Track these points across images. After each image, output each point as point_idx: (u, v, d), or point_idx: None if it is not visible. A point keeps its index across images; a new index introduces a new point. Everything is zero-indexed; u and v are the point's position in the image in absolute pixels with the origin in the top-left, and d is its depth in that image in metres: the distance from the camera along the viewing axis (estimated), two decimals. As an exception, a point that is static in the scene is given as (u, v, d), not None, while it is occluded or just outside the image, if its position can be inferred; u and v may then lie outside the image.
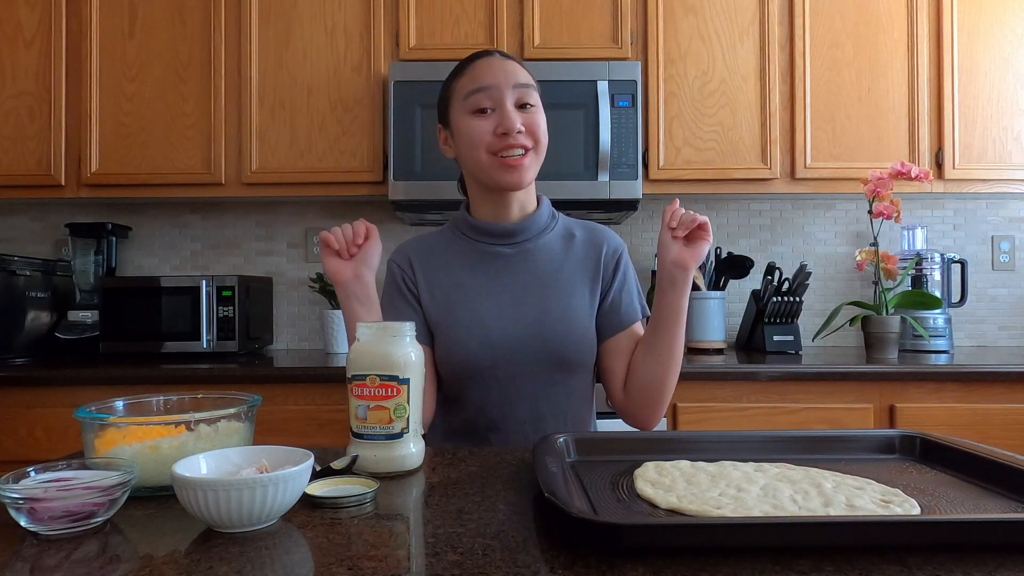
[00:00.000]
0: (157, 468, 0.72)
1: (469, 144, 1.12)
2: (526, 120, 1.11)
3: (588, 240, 1.22)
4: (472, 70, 1.14)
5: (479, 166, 1.13)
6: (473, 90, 1.11)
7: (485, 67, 1.13)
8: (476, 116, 1.11)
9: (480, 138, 1.11)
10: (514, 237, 1.18)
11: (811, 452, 0.86)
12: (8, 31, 2.20)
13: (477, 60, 1.15)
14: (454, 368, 1.14)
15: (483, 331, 1.13)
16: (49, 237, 2.55)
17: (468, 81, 1.13)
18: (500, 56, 1.15)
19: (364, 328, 0.85)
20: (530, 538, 0.60)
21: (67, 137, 2.21)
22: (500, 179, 1.12)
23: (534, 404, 1.14)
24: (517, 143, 1.10)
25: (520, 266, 1.17)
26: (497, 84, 1.11)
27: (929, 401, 1.88)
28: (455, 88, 1.15)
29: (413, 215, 2.31)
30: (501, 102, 1.10)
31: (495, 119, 1.10)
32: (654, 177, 2.21)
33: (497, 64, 1.13)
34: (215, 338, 2.14)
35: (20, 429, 1.87)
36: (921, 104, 2.22)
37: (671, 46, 2.22)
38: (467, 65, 1.15)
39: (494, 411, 1.14)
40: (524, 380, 1.13)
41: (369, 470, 0.81)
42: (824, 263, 2.55)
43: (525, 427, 1.14)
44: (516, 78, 1.12)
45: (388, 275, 1.23)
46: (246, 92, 2.21)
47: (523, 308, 1.14)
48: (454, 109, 1.15)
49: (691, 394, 1.88)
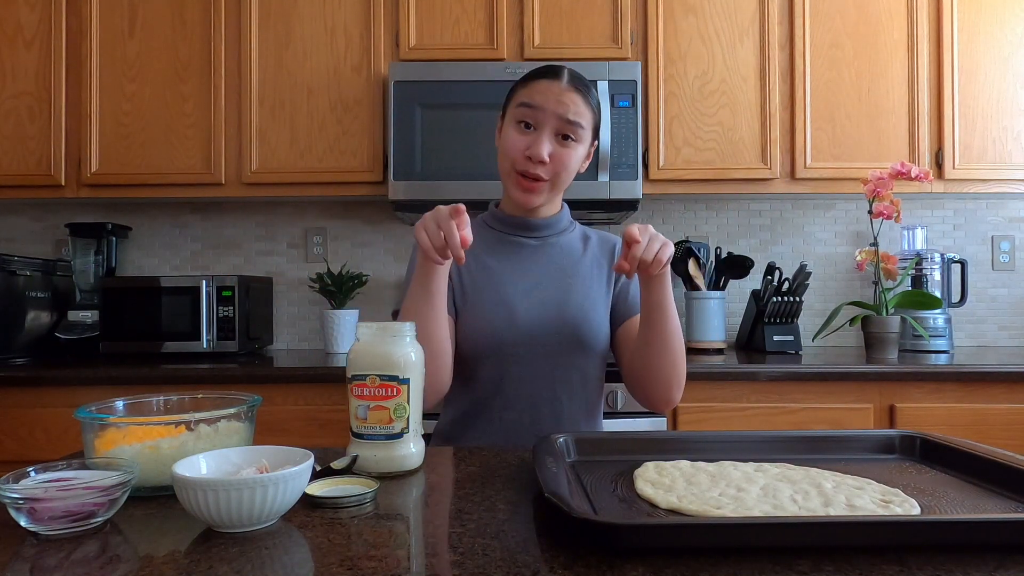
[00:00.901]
0: (157, 468, 0.72)
1: (502, 150, 1.19)
2: (556, 153, 1.14)
3: (601, 241, 1.31)
4: (534, 84, 1.16)
5: (504, 174, 1.20)
6: (524, 103, 1.15)
7: (545, 89, 1.14)
8: (518, 128, 1.16)
9: (511, 150, 1.16)
10: (538, 231, 1.26)
11: (811, 452, 0.86)
12: (8, 31, 2.20)
13: (542, 78, 1.16)
14: (476, 344, 1.18)
15: (508, 310, 1.18)
16: (49, 237, 2.55)
17: (526, 93, 1.16)
18: (567, 83, 1.15)
19: (364, 328, 0.85)
20: (530, 538, 0.60)
21: (67, 137, 2.21)
22: (513, 193, 1.19)
23: (550, 385, 1.18)
24: (538, 172, 1.15)
25: (543, 257, 1.24)
26: (545, 109, 1.13)
27: (929, 401, 1.88)
28: (517, 92, 1.19)
29: (413, 215, 2.30)
30: (542, 127, 1.14)
31: (530, 139, 1.14)
32: (654, 177, 2.21)
33: (556, 91, 1.14)
34: (215, 338, 2.14)
35: (20, 429, 1.87)
36: (921, 104, 2.22)
37: (671, 46, 2.22)
38: (534, 77, 1.17)
39: (510, 389, 1.18)
40: (542, 361, 1.17)
41: (369, 470, 0.81)
42: (824, 263, 2.55)
43: (540, 407, 1.17)
44: (566, 111, 1.13)
45: (416, 250, 1.23)
46: (246, 92, 2.21)
47: (546, 293, 1.20)
48: (508, 111, 1.20)
49: (691, 394, 1.88)
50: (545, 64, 1.23)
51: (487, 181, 2.07)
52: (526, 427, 1.17)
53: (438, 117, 2.10)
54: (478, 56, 2.18)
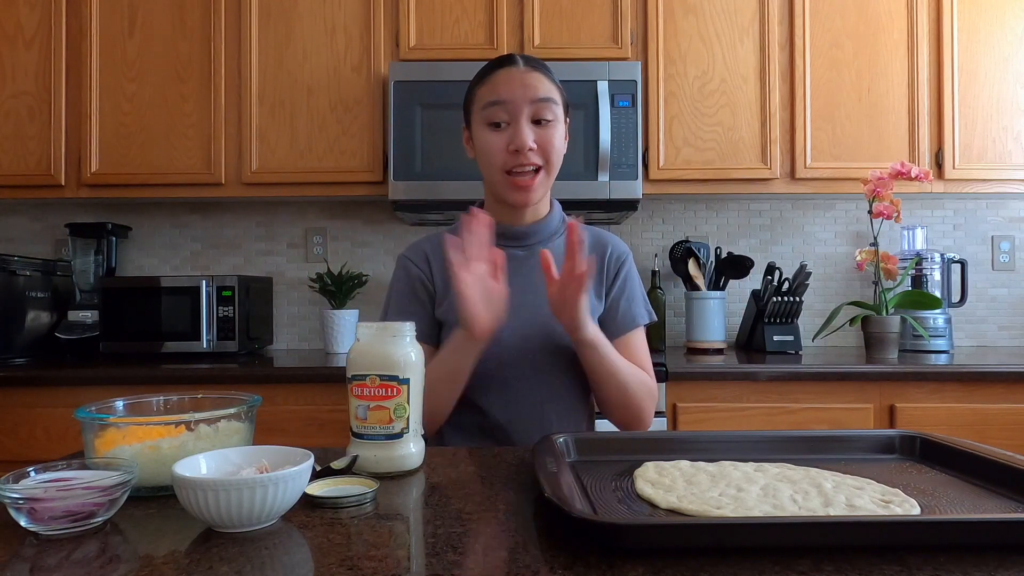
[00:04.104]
0: (157, 468, 0.72)
1: (484, 157, 1.14)
2: (539, 137, 1.11)
3: (593, 246, 1.23)
4: (492, 80, 1.12)
5: (493, 182, 1.15)
6: (490, 102, 1.11)
7: (504, 79, 1.11)
8: (491, 129, 1.12)
9: (494, 155, 1.12)
10: (525, 240, 1.20)
11: (811, 452, 0.86)
12: (8, 31, 2.20)
13: (498, 70, 1.13)
14: None
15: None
16: (49, 237, 2.55)
17: (487, 91, 1.12)
18: (523, 65, 1.13)
19: (364, 328, 0.85)
20: (530, 538, 0.59)
21: (67, 137, 2.21)
22: (509, 197, 1.14)
23: (539, 404, 1.15)
24: (528, 161, 1.10)
25: (530, 268, 1.17)
26: (513, 99, 1.10)
27: (929, 401, 1.88)
28: (476, 94, 1.15)
29: (413, 215, 2.30)
30: (516, 117, 1.10)
31: (509, 134, 1.10)
32: (654, 177, 2.20)
33: (517, 77, 1.11)
34: (215, 338, 2.14)
35: (20, 429, 1.87)
36: (921, 104, 2.22)
37: (671, 46, 2.22)
38: (488, 73, 1.14)
39: (499, 413, 1.14)
40: (530, 382, 1.14)
41: (369, 470, 0.81)
42: (824, 263, 2.55)
43: (527, 426, 1.14)
44: (535, 92, 1.10)
45: (400, 272, 1.22)
46: (246, 92, 2.21)
47: (533, 310, 1.14)
48: (474, 115, 1.15)
49: (691, 394, 1.88)
50: (495, 59, 1.17)
51: (487, 181, 2.06)
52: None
53: (438, 117, 2.10)
54: (478, 56, 2.18)
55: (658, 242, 2.55)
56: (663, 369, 1.84)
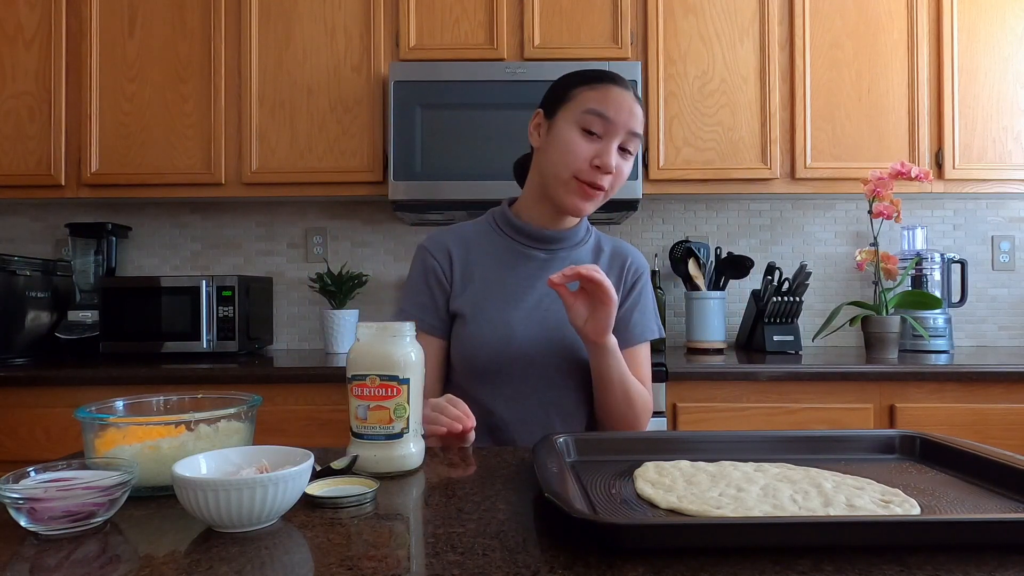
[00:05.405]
0: (157, 468, 0.72)
1: (562, 156, 1.12)
2: (619, 165, 1.13)
3: (613, 255, 1.25)
4: (604, 91, 1.12)
5: (557, 180, 1.14)
6: (596, 111, 1.10)
7: (616, 97, 1.11)
8: (583, 134, 1.11)
9: (576, 158, 1.11)
10: (551, 244, 1.21)
11: (811, 452, 0.86)
12: (8, 31, 2.20)
13: (611, 85, 1.13)
14: (472, 364, 1.15)
15: (506, 331, 1.14)
16: (49, 237, 2.55)
17: (597, 99, 1.11)
18: (632, 97, 1.14)
19: (364, 328, 0.85)
20: (530, 538, 0.59)
21: (67, 137, 2.21)
22: (568, 202, 1.14)
23: (544, 407, 1.16)
24: (601, 180, 1.12)
25: (550, 272, 1.17)
26: (618, 121, 1.11)
27: (929, 401, 1.88)
28: (581, 95, 1.13)
29: (413, 215, 2.30)
30: (611, 137, 1.11)
31: (598, 148, 1.11)
32: (654, 177, 2.20)
33: (627, 102, 1.12)
34: (215, 338, 2.14)
35: (20, 429, 1.87)
36: (921, 104, 2.22)
37: (671, 46, 2.22)
38: (603, 82, 1.13)
39: (504, 411, 1.15)
40: (537, 383, 1.15)
41: (369, 470, 0.81)
42: (824, 263, 2.55)
43: (531, 428, 1.15)
44: (635, 125, 1.12)
45: (419, 262, 1.22)
46: (246, 92, 2.21)
47: (548, 313, 1.16)
48: (566, 110, 1.14)
49: (691, 394, 1.88)
50: (598, 69, 1.17)
51: (487, 181, 2.06)
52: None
53: (438, 117, 2.10)
54: (478, 56, 2.18)
55: (658, 242, 2.55)
56: (663, 369, 1.84)
